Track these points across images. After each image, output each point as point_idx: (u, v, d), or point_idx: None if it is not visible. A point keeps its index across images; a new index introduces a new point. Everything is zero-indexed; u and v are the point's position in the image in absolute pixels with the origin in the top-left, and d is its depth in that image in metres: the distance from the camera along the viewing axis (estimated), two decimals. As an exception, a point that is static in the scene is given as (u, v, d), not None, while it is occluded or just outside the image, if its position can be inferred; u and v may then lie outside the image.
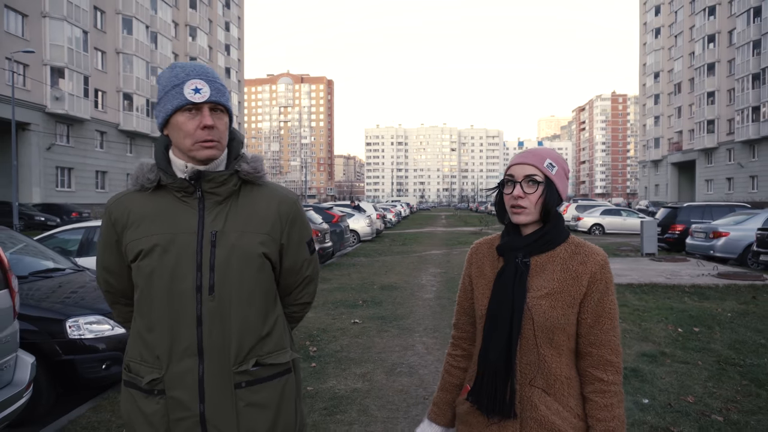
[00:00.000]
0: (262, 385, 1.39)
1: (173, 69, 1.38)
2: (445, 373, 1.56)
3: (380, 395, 4.10)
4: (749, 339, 5.58)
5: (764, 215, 13.03)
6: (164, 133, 1.41)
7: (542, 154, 1.41)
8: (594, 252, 1.37)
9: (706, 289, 8.70)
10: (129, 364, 1.41)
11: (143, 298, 1.38)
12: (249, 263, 1.39)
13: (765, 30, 40.56)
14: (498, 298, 1.37)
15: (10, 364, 2.90)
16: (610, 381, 1.33)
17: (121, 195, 1.45)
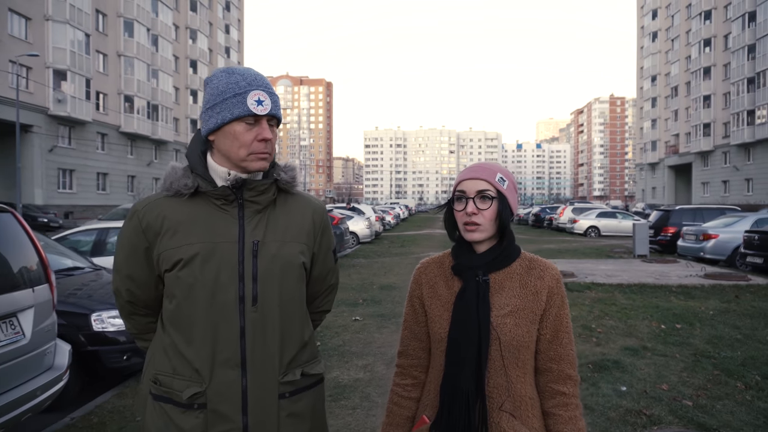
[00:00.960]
0: (302, 395, 1.39)
1: (232, 75, 1.34)
2: (393, 405, 1.45)
3: (380, 384, 4.45)
4: (726, 334, 5.94)
5: (752, 218, 13.42)
6: (209, 138, 1.36)
7: (492, 168, 1.38)
8: (548, 267, 1.37)
9: (692, 289, 9.06)
10: (158, 377, 1.35)
11: (181, 310, 1.33)
12: (290, 273, 1.38)
13: (759, 34, 41.02)
14: (461, 319, 1.31)
15: (51, 351, 3.24)
16: (570, 394, 1.34)
17: (152, 199, 1.38)
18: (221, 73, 1.35)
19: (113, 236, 7.66)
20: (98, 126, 36.23)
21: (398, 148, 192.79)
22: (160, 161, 43.67)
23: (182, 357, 1.31)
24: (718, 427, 3.49)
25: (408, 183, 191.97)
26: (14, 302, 2.93)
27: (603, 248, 17.17)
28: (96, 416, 3.80)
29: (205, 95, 1.36)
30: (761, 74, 41.23)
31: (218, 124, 1.31)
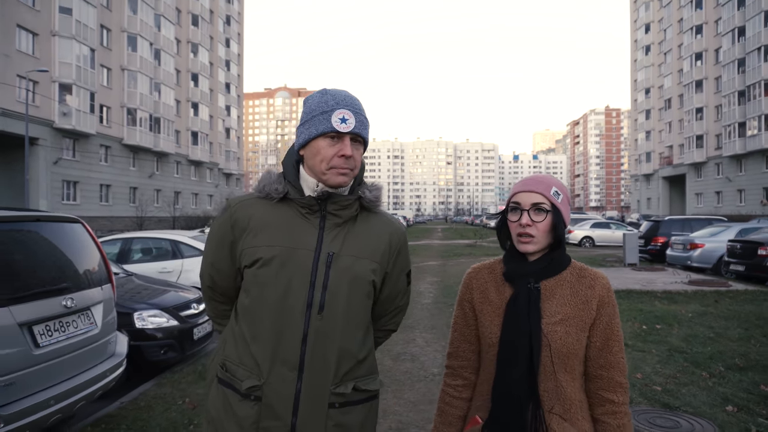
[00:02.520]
0: (352, 407, 1.42)
1: (324, 95, 1.41)
2: (445, 405, 1.50)
3: (389, 374, 5.02)
4: (701, 333, 6.54)
5: (737, 228, 14.07)
6: (300, 153, 1.44)
7: (548, 182, 1.41)
8: (599, 276, 1.40)
9: (676, 294, 9.67)
10: (226, 363, 1.43)
11: (252, 306, 1.40)
12: (359, 288, 1.42)
13: (749, 49, 42.01)
14: (513, 325, 1.34)
15: (114, 340, 3.81)
16: (620, 402, 1.35)
17: (244, 198, 1.48)
18: (317, 93, 1.44)
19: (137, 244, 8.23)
20: (102, 138, 36.85)
21: (396, 160, 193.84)
22: (161, 173, 44.25)
23: (248, 350, 1.39)
24: (680, 406, 4.08)
25: (405, 194, 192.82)
26: (89, 298, 3.51)
27: (596, 257, 17.78)
28: (142, 401, 4.36)
29: (302, 114, 1.46)
30: (751, 87, 42.15)
31: (306, 139, 1.39)
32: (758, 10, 40.69)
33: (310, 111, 1.40)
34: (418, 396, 4.47)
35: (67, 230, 3.62)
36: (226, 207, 1.48)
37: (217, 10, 55.18)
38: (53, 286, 3.25)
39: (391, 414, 4.05)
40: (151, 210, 39.81)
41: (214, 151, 54.03)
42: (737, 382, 4.65)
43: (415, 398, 4.41)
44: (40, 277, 3.24)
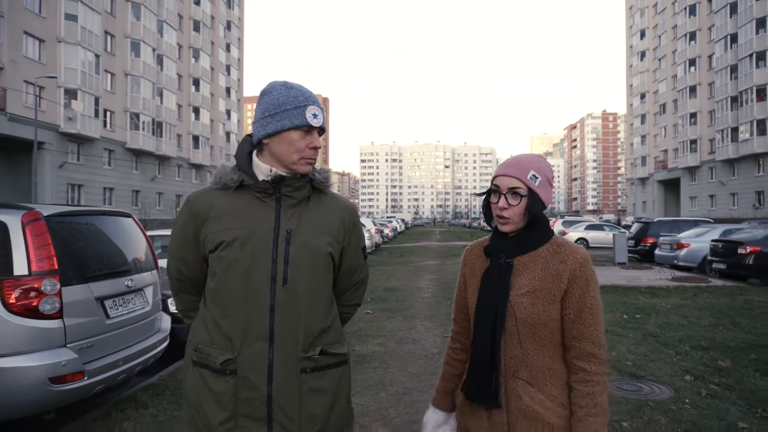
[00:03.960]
0: (324, 372, 1.51)
1: (291, 90, 1.51)
2: (445, 364, 1.66)
3: (393, 354, 5.67)
4: (675, 321, 7.20)
5: (720, 228, 14.76)
6: (263, 141, 1.51)
7: (526, 165, 1.46)
8: (574, 251, 1.44)
9: (659, 289, 10.34)
10: (198, 346, 1.51)
11: (220, 286, 1.48)
12: (318, 260, 1.52)
13: (741, 55, 42.86)
14: (483, 296, 1.46)
15: (159, 318, 4.45)
16: (592, 371, 1.40)
17: (202, 191, 1.57)
18: (280, 87, 1.52)
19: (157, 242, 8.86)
20: (105, 142, 37.46)
21: (394, 163, 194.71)
22: (163, 176, 44.86)
23: (219, 328, 1.47)
24: (645, 376, 4.74)
25: (404, 197, 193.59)
26: (143, 280, 4.16)
27: (588, 258, 18.45)
28: (179, 374, 4.99)
29: (263, 104, 1.52)
30: (744, 93, 42.98)
31: (277, 130, 1.48)
32: (750, 18, 41.57)
33: (281, 104, 1.48)
34: (420, 370, 5.11)
35: (122, 223, 4.27)
36: (186, 201, 1.58)
37: (218, 15, 55.93)
38: (117, 268, 3.90)
39: (397, 383, 4.69)
40: (154, 213, 40.43)
41: (215, 155, 54.68)
42: (698, 359, 5.31)
43: (416, 371, 5.05)
44: (107, 260, 3.88)
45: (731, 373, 4.85)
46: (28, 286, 3.15)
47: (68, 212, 3.77)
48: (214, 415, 1.43)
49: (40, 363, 3.12)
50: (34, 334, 3.14)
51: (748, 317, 7.49)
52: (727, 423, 3.67)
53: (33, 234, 3.25)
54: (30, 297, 3.15)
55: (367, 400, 4.23)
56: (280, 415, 1.43)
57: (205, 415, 1.45)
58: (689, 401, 4.10)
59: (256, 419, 1.42)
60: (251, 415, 1.42)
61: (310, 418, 1.46)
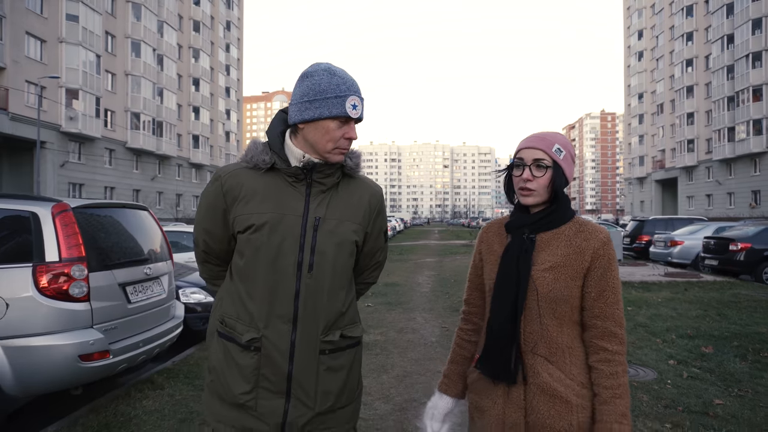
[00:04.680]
0: (340, 353, 1.56)
1: (333, 77, 1.47)
2: (456, 346, 1.64)
3: (394, 342, 5.94)
4: (664, 313, 7.48)
5: (714, 226, 15.06)
6: (299, 126, 1.50)
7: (550, 138, 1.47)
8: (597, 230, 1.45)
9: (651, 284, 10.63)
10: (225, 319, 1.55)
11: (248, 267, 1.51)
12: (343, 248, 1.54)
13: (737, 56, 43.16)
14: (504, 271, 1.45)
15: (174, 306, 4.73)
16: (614, 351, 1.39)
17: (233, 168, 1.55)
18: (323, 72, 1.48)
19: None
20: (106, 142, 37.69)
21: (393, 163, 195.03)
22: (163, 176, 45.10)
23: (245, 307, 1.51)
24: (632, 361, 5.02)
25: (403, 197, 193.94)
26: (160, 269, 4.43)
27: (585, 255, 18.75)
28: (191, 360, 5.28)
29: (303, 87, 1.48)
30: (740, 93, 43.29)
31: (314, 117, 1.46)
32: (746, 19, 41.88)
33: (321, 91, 1.45)
34: (419, 356, 5.39)
35: (140, 215, 4.54)
36: (216, 177, 1.56)
37: (217, 15, 56.16)
38: (137, 257, 4.18)
39: (397, 367, 4.97)
40: (154, 212, 40.65)
41: (215, 154, 54.90)
42: (683, 346, 5.60)
43: (416, 357, 5.33)
44: (127, 249, 4.16)
45: (713, 358, 5.13)
46: (59, 271, 3.43)
47: (92, 204, 4.04)
48: (236, 386, 1.50)
49: (71, 342, 3.39)
50: (65, 315, 3.42)
51: (735, 309, 7.78)
52: (704, 400, 3.95)
53: (62, 224, 3.52)
54: (61, 281, 3.42)
55: (370, 381, 4.51)
56: (298, 391, 1.50)
57: (227, 384, 1.51)
58: (671, 382, 4.39)
59: (275, 393, 1.49)
60: (271, 389, 1.49)
61: (324, 394, 1.53)
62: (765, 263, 11.70)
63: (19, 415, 3.91)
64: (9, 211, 3.59)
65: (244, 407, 1.50)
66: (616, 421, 1.33)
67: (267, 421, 1.49)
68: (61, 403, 4.17)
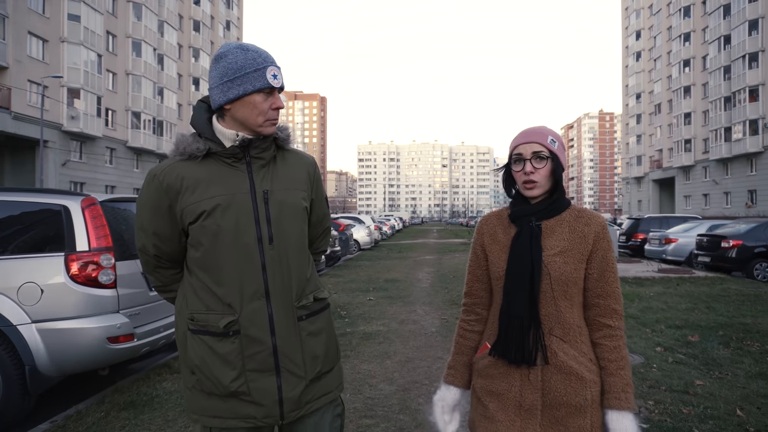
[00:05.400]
0: (316, 317, 1.61)
1: (248, 52, 1.50)
2: (459, 338, 1.68)
3: (396, 333, 6.23)
4: (655, 306, 7.78)
5: (707, 224, 15.37)
6: (225, 107, 1.50)
7: (543, 131, 1.55)
8: (595, 216, 1.55)
9: (645, 280, 10.94)
10: (193, 316, 1.52)
11: (208, 255, 1.50)
12: (296, 216, 1.58)
13: (734, 56, 43.52)
14: (517, 257, 1.50)
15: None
16: (616, 326, 1.49)
17: (167, 164, 1.54)
18: (236, 49, 1.50)
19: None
20: (107, 141, 37.92)
21: (391, 162, 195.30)
22: (164, 175, 45.34)
23: (213, 295, 1.50)
24: (621, 347, 5.31)
25: (401, 196, 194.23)
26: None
27: (581, 253, 19.08)
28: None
29: (220, 68, 1.49)
30: (737, 93, 43.66)
31: (239, 95, 1.47)
32: (743, 20, 42.23)
33: (240, 68, 1.47)
34: (420, 344, 5.68)
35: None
36: (152, 177, 1.54)
37: (217, 15, 56.40)
38: (157, 248, 4.46)
39: (400, 354, 5.26)
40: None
41: (215, 154, 55.17)
42: (671, 335, 5.90)
43: (417, 345, 5.62)
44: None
45: (698, 345, 5.43)
46: (89, 259, 3.71)
47: (114, 199, 4.32)
48: (223, 375, 1.48)
49: (100, 325, 3.67)
50: (94, 300, 3.70)
51: (723, 303, 8.08)
52: (685, 381, 4.24)
53: (91, 216, 3.80)
54: (90, 269, 3.70)
55: (374, 366, 4.80)
56: (287, 362, 1.52)
57: (214, 377, 1.49)
58: (656, 366, 4.68)
59: (264, 371, 1.50)
60: (259, 368, 1.49)
61: (312, 359, 1.56)
62: (756, 260, 12.02)
63: (52, 393, 4.20)
64: (42, 204, 3.87)
65: (237, 394, 1.49)
66: (623, 390, 1.45)
67: (263, 402, 1.50)
68: (88, 384, 4.45)
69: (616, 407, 1.44)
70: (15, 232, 3.86)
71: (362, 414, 3.65)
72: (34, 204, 3.88)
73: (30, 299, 3.58)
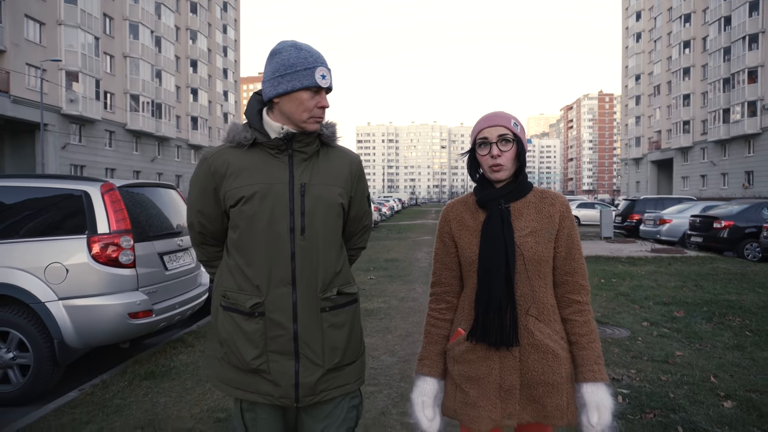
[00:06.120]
0: (340, 310, 1.65)
1: (301, 51, 1.57)
2: (431, 327, 1.67)
3: (396, 309, 6.53)
4: (645, 284, 8.09)
5: (701, 205, 15.64)
6: (274, 101, 1.59)
7: (506, 115, 1.58)
8: (559, 196, 1.61)
9: (638, 259, 11.24)
10: (226, 293, 1.63)
11: (243, 238, 1.60)
12: (330, 210, 1.64)
13: (734, 38, 43.36)
14: (490, 240, 1.52)
15: (200, 273, 5.28)
16: (584, 301, 1.56)
17: (218, 150, 1.65)
18: (290, 47, 1.59)
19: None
20: (106, 124, 37.93)
21: (390, 144, 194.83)
22: (163, 157, 45.42)
23: (245, 276, 1.60)
24: (609, 322, 5.62)
25: (400, 177, 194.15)
26: (188, 241, 4.97)
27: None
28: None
29: (273, 64, 1.58)
30: (736, 75, 43.59)
31: (287, 90, 1.56)
32: (744, 0, 41.98)
33: (291, 65, 1.56)
34: (419, 320, 5.97)
35: (169, 193, 5.07)
36: (203, 159, 1.66)
37: (214, -4, 55.89)
38: (170, 230, 4.72)
39: (400, 329, 5.56)
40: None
41: (213, 136, 55.13)
42: (658, 311, 6.20)
43: (416, 321, 5.92)
44: (162, 223, 4.70)
45: (682, 320, 5.73)
46: (109, 241, 3.97)
47: (130, 184, 4.57)
48: (246, 352, 1.58)
49: (122, 302, 3.95)
50: (116, 279, 3.97)
51: (711, 281, 8.39)
52: (666, 352, 4.55)
53: (110, 200, 4.05)
54: (111, 250, 3.96)
55: (376, 340, 5.10)
56: (306, 349, 1.59)
57: (239, 352, 1.59)
58: (641, 339, 4.98)
59: (284, 354, 1.58)
60: (280, 351, 1.58)
61: (332, 350, 1.62)
62: (746, 240, 12.32)
63: (78, 364, 4.49)
64: (63, 190, 4.12)
65: (258, 372, 1.59)
66: (595, 362, 1.50)
67: (280, 382, 1.58)
68: (110, 357, 4.75)
69: (590, 379, 1.49)
70: (40, 216, 4.11)
71: (367, 383, 3.91)
72: (56, 189, 4.12)
73: (56, 278, 3.85)
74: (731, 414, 3.24)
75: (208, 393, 3.72)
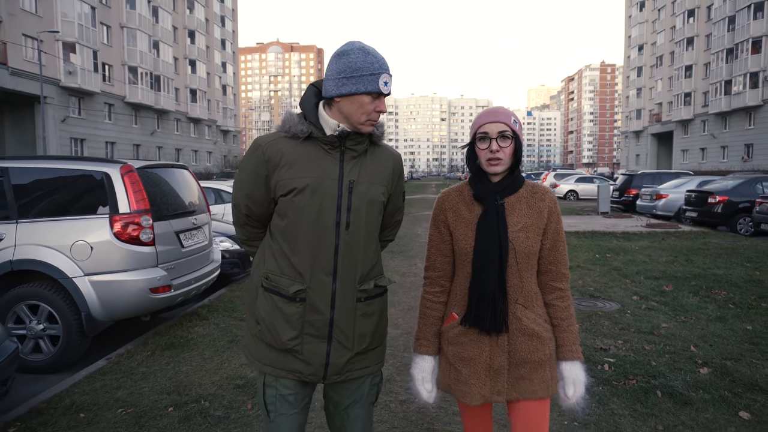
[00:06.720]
0: (372, 300, 1.78)
1: (368, 55, 1.63)
2: (426, 309, 1.81)
3: (399, 284, 6.83)
4: (638, 259, 8.38)
5: (697, 180, 15.85)
6: (335, 99, 1.65)
7: (507, 112, 1.67)
8: (547, 190, 1.73)
9: (632, 234, 11.52)
10: (268, 275, 1.72)
11: (291, 227, 1.68)
12: (374, 208, 1.73)
13: (740, 6, 42.79)
14: (486, 235, 1.63)
15: (212, 251, 5.55)
16: (565, 288, 1.72)
17: (274, 138, 1.71)
18: (358, 50, 1.64)
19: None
20: (105, 97, 37.73)
21: (389, 116, 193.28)
22: (162, 130, 45.29)
23: (289, 262, 1.69)
24: (600, 296, 5.92)
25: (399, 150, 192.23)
26: (203, 219, 5.23)
27: (575, 208, 19.63)
28: (225, 297, 6.15)
29: (340, 64, 1.64)
30: (739, 45, 43.18)
31: (350, 92, 1.62)
32: (749, -32, 41.30)
33: (357, 69, 1.61)
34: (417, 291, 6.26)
35: (182, 174, 5.29)
36: (257, 146, 1.72)
37: (211, -36, 54.81)
38: (186, 209, 4.96)
39: (403, 303, 5.86)
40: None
41: (212, 109, 54.82)
42: (648, 285, 6.50)
43: (418, 295, 6.13)
44: (178, 203, 4.94)
45: (670, 294, 6.03)
46: (130, 220, 4.21)
47: (147, 165, 4.79)
48: (284, 332, 1.69)
49: (143, 277, 4.22)
50: (137, 256, 4.23)
51: (702, 256, 8.68)
52: (653, 324, 4.85)
53: (130, 181, 4.28)
54: (131, 229, 4.21)
55: (380, 313, 5.39)
56: (339, 334, 1.71)
57: (276, 332, 1.70)
58: (630, 312, 5.29)
59: (318, 337, 1.69)
60: (315, 334, 1.69)
61: (361, 336, 1.74)
62: (740, 215, 12.58)
63: (103, 335, 4.80)
64: (85, 171, 4.34)
65: (291, 351, 1.70)
66: (573, 343, 1.70)
67: (312, 362, 1.70)
68: (131, 329, 5.05)
69: (569, 358, 1.68)
70: (65, 197, 4.35)
71: (372, 352, 4.26)
72: (79, 171, 4.35)
73: (82, 255, 4.11)
74: (706, 379, 3.55)
75: (226, 362, 4.03)
